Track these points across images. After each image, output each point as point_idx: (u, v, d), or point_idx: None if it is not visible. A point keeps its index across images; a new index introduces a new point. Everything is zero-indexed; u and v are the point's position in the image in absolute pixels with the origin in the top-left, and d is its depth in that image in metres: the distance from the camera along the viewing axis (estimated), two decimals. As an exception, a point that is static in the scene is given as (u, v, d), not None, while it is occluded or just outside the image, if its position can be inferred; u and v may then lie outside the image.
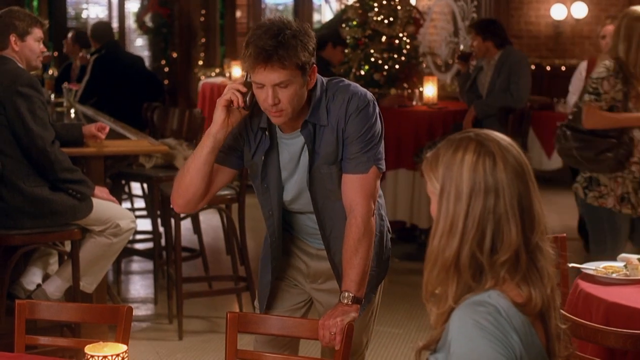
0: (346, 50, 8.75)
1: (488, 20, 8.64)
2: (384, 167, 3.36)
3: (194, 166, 3.30)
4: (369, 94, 3.34)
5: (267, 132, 3.33)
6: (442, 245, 2.19)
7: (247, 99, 3.21)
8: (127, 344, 2.83)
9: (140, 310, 6.51)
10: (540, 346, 2.17)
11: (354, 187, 3.29)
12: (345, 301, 3.25)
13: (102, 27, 9.48)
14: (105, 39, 9.08)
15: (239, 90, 3.22)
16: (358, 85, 3.37)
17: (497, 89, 7.78)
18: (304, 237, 3.54)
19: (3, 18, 5.21)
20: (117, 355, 2.49)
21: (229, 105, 3.24)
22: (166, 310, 6.27)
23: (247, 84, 3.22)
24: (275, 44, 3.07)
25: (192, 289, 6.54)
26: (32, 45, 5.21)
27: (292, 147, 3.36)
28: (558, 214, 9.45)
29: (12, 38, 5.16)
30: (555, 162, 10.60)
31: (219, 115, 3.25)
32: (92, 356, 2.49)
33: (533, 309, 2.18)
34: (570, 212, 9.64)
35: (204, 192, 3.36)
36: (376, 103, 3.35)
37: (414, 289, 6.79)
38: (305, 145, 3.31)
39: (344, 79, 3.40)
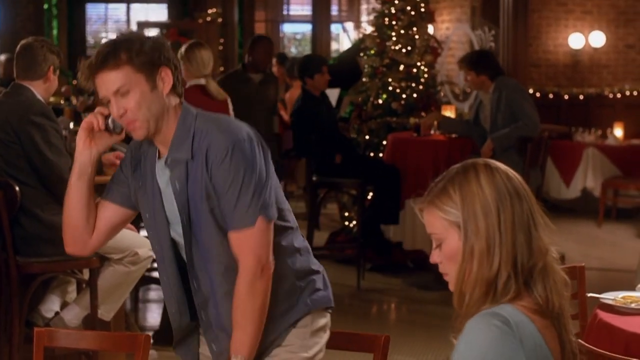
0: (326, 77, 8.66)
1: (479, 53, 8.57)
2: (272, 214, 3.00)
3: (69, 198, 3.11)
4: (242, 133, 2.98)
5: (142, 159, 3.08)
6: (483, 269, 2.19)
7: (109, 121, 3.01)
8: (145, 372, 2.82)
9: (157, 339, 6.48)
10: (551, 358, 2.17)
11: (237, 242, 2.97)
12: None
13: None
14: None
15: (102, 113, 3.01)
16: (230, 121, 3.08)
17: (502, 122, 7.71)
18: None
19: (44, 49, 5.23)
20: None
21: (90, 128, 3.02)
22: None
23: None
24: (108, 49, 2.91)
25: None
26: (56, 78, 5.27)
27: (165, 178, 3.06)
28: (577, 243, 9.41)
29: (51, 69, 5.20)
30: (573, 191, 10.58)
31: (78, 137, 3.05)
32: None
33: (551, 311, 2.20)
34: (588, 241, 9.62)
35: (85, 227, 3.12)
36: (253, 141, 2.98)
37: (432, 318, 6.77)
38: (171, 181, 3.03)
39: (219, 116, 3.10)
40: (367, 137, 8.64)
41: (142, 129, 2.96)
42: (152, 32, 15.87)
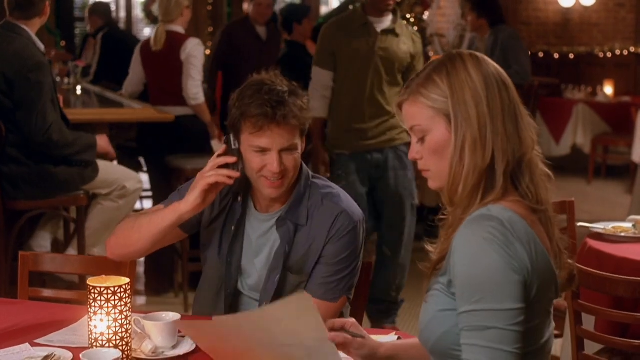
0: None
1: None
2: (352, 296, 2.97)
3: (147, 230, 2.88)
4: (358, 213, 2.91)
5: (239, 198, 2.93)
6: (477, 158, 2.12)
7: (240, 168, 2.76)
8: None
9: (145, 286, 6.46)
10: (546, 255, 2.13)
11: None
12: None
13: (104, 6, 9.54)
14: (107, 16, 9.15)
15: (218, 165, 2.76)
16: (350, 197, 2.96)
17: None
18: None
19: None
20: (120, 286, 2.44)
21: (213, 186, 2.78)
22: (172, 284, 6.22)
23: (234, 151, 2.77)
24: (280, 99, 2.71)
25: (198, 262, 6.49)
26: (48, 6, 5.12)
27: (261, 231, 2.96)
28: (566, 199, 9.37)
29: (47, 3, 5.04)
30: (563, 147, 10.56)
31: (194, 199, 2.76)
32: (94, 287, 2.45)
33: (538, 206, 2.15)
34: (578, 198, 9.56)
35: (148, 252, 3.01)
36: (363, 223, 2.93)
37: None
38: (275, 243, 2.92)
39: (332, 185, 2.98)
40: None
41: (284, 187, 2.82)
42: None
